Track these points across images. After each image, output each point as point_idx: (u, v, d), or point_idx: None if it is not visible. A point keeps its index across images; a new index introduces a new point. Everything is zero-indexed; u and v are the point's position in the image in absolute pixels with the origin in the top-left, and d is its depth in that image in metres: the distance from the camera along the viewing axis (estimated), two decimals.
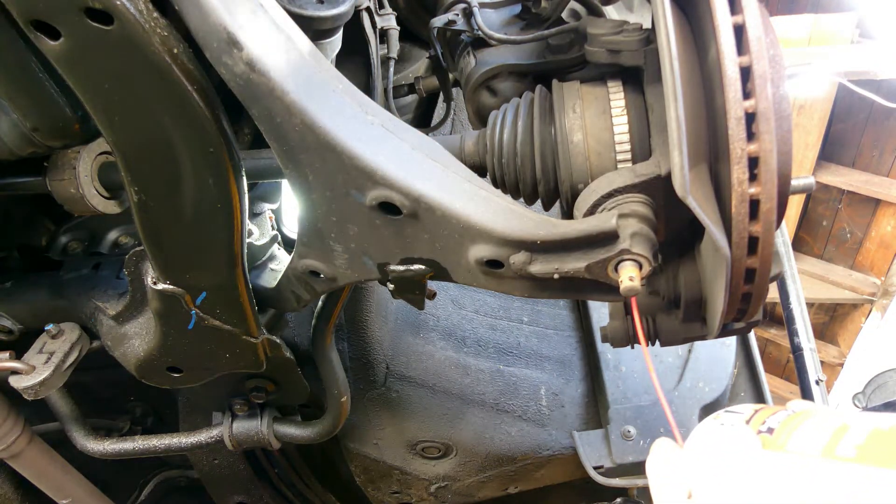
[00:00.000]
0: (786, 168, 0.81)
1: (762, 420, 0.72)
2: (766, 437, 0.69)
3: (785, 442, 0.68)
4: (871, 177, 5.58)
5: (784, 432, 0.69)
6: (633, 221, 0.86)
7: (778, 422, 0.71)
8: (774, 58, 0.79)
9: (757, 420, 0.73)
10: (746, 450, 0.68)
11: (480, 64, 1.12)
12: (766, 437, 0.70)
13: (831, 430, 0.65)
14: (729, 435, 0.70)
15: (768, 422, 0.72)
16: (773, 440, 0.69)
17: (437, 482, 1.89)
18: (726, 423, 0.73)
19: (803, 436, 0.67)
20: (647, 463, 0.78)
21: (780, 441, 0.68)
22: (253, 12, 0.90)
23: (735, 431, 0.70)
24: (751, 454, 0.68)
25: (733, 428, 0.71)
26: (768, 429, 0.71)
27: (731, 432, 0.70)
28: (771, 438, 0.69)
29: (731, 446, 0.69)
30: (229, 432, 1.56)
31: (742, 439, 0.69)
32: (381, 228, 0.98)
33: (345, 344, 1.83)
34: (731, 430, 0.71)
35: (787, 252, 1.92)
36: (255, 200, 1.56)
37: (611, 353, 1.88)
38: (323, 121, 0.90)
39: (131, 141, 0.96)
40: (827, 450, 0.64)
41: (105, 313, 1.32)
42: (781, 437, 0.68)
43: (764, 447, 0.68)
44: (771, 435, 0.69)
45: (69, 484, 1.66)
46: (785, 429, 0.69)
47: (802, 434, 0.67)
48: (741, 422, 0.72)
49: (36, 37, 0.84)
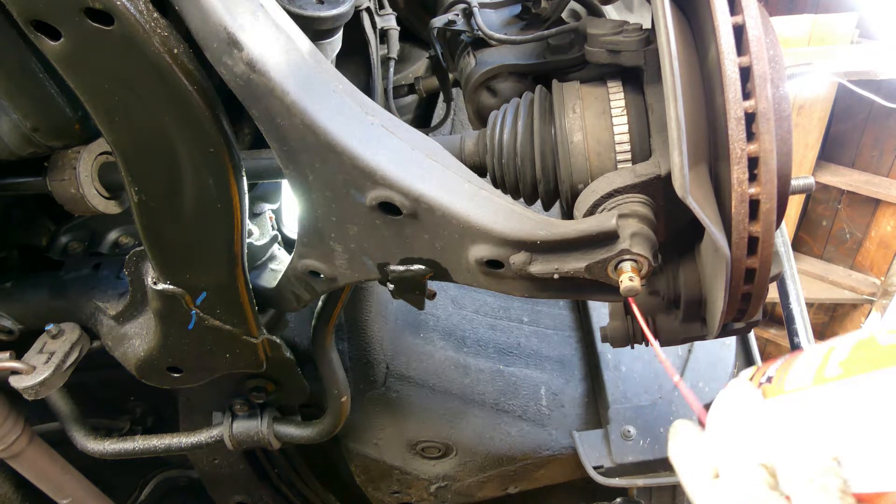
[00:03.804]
0: (786, 168, 0.81)
1: (763, 372, 0.73)
2: (767, 387, 0.71)
3: (783, 385, 0.69)
4: (870, 177, 5.58)
5: (781, 376, 0.70)
6: (632, 221, 0.86)
7: (775, 369, 0.72)
8: (774, 58, 0.79)
9: (758, 374, 0.74)
10: (749, 406, 0.69)
11: (480, 64, 1.12)
12: (766, 386, 0.71)
13: (820, 358, 0.67)
14: (735, 399, 0.71)
15: (768, 372, 0.73)
16: (773, 387, 0.70)
17: (437, 482, 1.89)
18: (731, 387, 0.74)
19: (796, 372, 0.68)
20: (669, 451, 0.78)
21: (778, 386, 0.69)
22: (253, 13, 0.90)
23: (738, 392, 0.71)
24: (753, 409, 0.69)
25: (737, 390, 0.72)
26: (767, 378, 0.72)
27: (735, 395, 0.72)
28: (771, 386, 0.70)
29: (738, 409, 0.70)
30: (229, 432, 1.56)
31: (744, 398, 0.70)
32: (381, 228, 0.98)
33: (345, 344, 1.83)
34: (736, 393, 0.72)
35: (787, 252, 1.92)
36: (255, 200, 1.56)
37: (611, 353, 1.88)
38: (323, 121, 0.90)
39: (131, 141, 0.96)
40: (817, 376, 0.65)
41: (105, 313, 1.32)
42: (779, 382, 0.70)
43: (766, 396, 0.70)
44: (770, 383, 0.71)
45: (69, 484, 1.66)
46: (781, 373, 0.70)
47: (796, 371, 0.68)
48: (745, 381, 0.73)
49: (36, 37, 0.85)
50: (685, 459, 0.73)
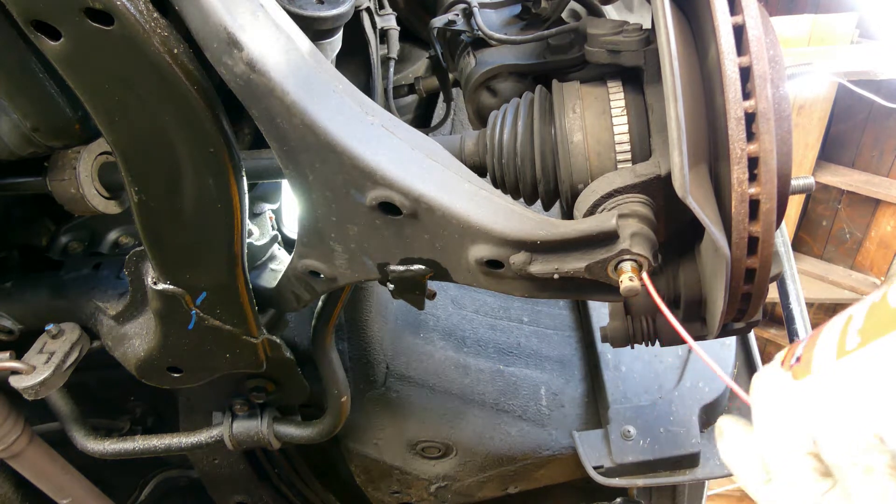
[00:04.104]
0: (786, 168, 0.81)
1: (792, 353, 0.71)
2: (797, 368, 0.68)
3: (810, 365, 0.66)
4: (870, 177, 5.58)
5: (808, 356, 0.67)
6: (632, 222, 0.86)
7: (803, 347, 0.69)
8: (774, 58, 0.79)
9: (789, 356, 0.71)
10: (783, 394, 0.67)
11: (480, 64, 1.12)
12: (796, 368, 0.68)
13: (839, 329, 0.64)
14: (767, 387, 0.69)
15: (796, 352, 0.70)
16: (802, 367, 0.67)
17: (437, 482, 1.89)
18: (763, 374, 0.71)
19: (821, 349, 0.65)
20: (720, 453, 0.76)
21: (806, 366, 0.67)
22: (253, 13, 0.90)
23: (769, 380, 0.69)
24: (787, 396, 0.66)
25: (768, 377, 0.70)
26: (797, 359, 0.69)
27: (767, 383, 0.69)
28: (800, 367, 0.68)
29: (772, 398, 0.68)
30: (229, 432, 1.56)
31: (776, 385, 0.68)
32: (381, 228, 0.98)
33: (345, 344, 1.83)
34: (767, 381, 0.69)
35: (787, 252, 1.92)
36: (255, 200, 1.56)
37: (611, 353, 1.88)
38: (323, 121, 0.90)
39: (131, 141, 0.96)
40: (839, 349, 0.62)
41: (105, 313, 1.32)
42: (807, 362, 0.67)
43: (795, 378, 0.67)
44: (799, 363, 0.68)
45: (69, 484, 1.66)
46: (808, 351, 0.68)
47: (820, 348, 0.66)
48: (776, 366, 0.71)
49: (36, 37, 0.85)
50: (736, 461, 0.71)
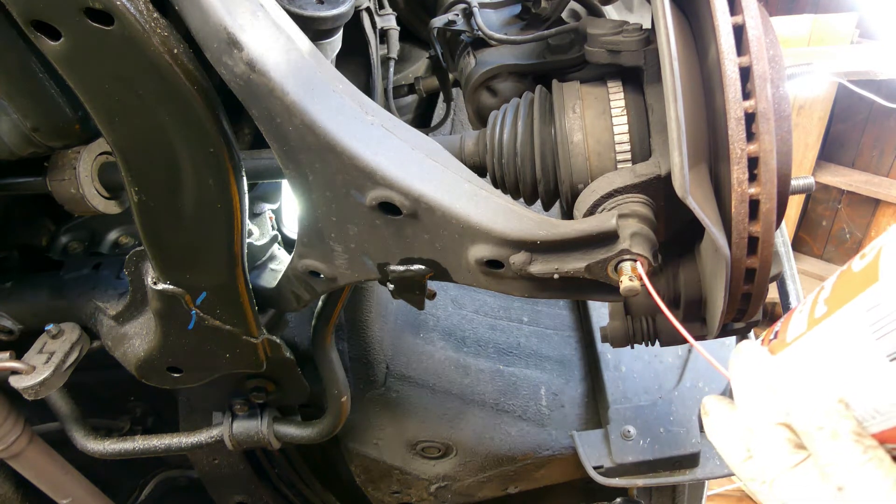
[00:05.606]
0: (786, 168, 0.81)
1: (772, 330, 0.72)
2: (774, 343, 0.69)
3: (785, 337, 0.67)
4: (870, 177, 5.58)
5: (784, 329, 0.69)
6: (632, 221, 0.86)
7: (780, 323, 0.71)
8: (774, 58, 0.79)
9: (767, 333, 0.73)
10: (758, 367, 0.67)
11: (480, 64, 1.12)
12: (773, 343, 0.69)
13: (811, 300, 0.65)
14: (744, 362, 0.70)
15: (775, 328, 0.71)
16: (779, 342, 0.68)
17: (437, 482, 1.89)
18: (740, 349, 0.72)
19: (795, 321, 0.67)
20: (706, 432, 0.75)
21: (782, 339, 0.68)
22: (253, 13, 0.90)
23: (746, 355, 0.70)
24: (762, 369, 0.67)
25: (745, 352, 0.70)
26: (775, 334, 0.70)
27: (744, 358, 0.70)
28: (777, 342, 0.69)
29: (749, 373, 0.68)
30: (229, 432, 1.56)
31: (753, 360, 0.69)
32: (381, 228, 0.98)
33: (345, 344, 1.83)
34: (744, 356, 0.70)
35: (787, 252, 1.92)
36: (255, 200, 1.56)
37: (611, 353, 1.88)
38: (323, 121, 0.90)
39: (131, 141, 0.96)
40: (810, 320, 0.63)
41: (105, 313, 1.32)
42: (783, 335, 0.68)
43: (773, 353, 0.68)
44: (776, 338, 0.69)
45: (69, 484, 1.66)
46: (784, 325, 0.69)
47: (794, 320, 0.67)
48: (753, 342, 0.72)
49: (36, 37, 0.85)
50: (720, 439, 0.71)
